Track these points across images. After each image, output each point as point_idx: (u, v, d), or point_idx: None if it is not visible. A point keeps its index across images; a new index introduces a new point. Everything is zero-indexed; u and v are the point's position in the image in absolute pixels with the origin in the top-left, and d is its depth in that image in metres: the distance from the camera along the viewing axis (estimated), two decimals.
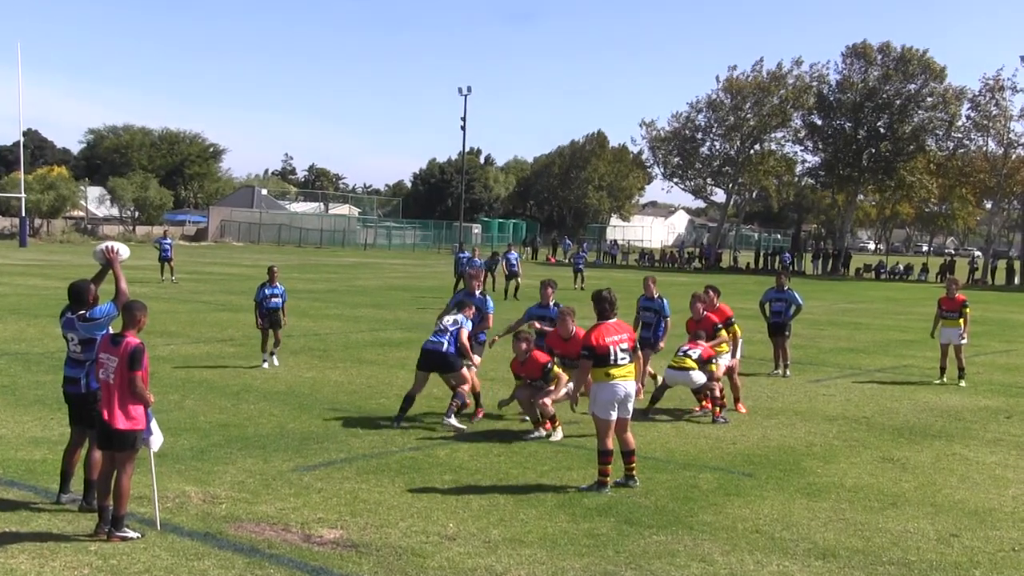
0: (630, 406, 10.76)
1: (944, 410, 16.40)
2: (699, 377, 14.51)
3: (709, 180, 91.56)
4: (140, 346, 8.52)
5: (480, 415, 14.16)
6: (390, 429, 13.16)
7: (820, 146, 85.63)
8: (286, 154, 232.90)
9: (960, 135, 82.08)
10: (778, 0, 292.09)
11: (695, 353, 14.75)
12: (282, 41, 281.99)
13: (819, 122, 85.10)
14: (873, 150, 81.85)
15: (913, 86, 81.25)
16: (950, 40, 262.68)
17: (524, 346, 13.32)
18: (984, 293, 55.76)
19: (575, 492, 10.40)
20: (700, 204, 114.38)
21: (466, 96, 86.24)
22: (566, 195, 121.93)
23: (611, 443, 10.61)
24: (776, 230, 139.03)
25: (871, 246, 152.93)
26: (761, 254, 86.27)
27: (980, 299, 40.46)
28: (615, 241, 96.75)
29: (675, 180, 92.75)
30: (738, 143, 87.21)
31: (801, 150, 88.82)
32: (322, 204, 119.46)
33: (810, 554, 8.73)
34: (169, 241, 40.00)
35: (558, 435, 13.02)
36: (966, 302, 19.90)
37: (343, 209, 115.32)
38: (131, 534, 8.43)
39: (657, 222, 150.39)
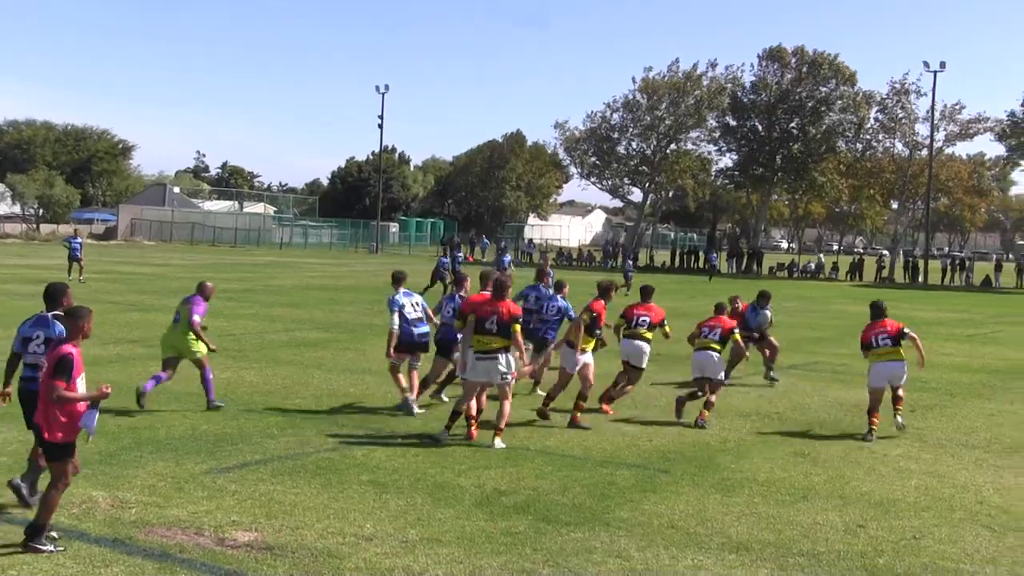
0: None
1: (853, 405, 16.74)
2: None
3: (626, 179, 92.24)
4: (69, 356, 8.15)
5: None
6: (305, 430, 13.06)
7: (735, 146, 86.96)
8: (198, 151, 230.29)
9: (869, 137, 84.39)
10: (695, 5, 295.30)
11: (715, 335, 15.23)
12: (193, 35, 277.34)
13: (733, 123, 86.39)
14: (786, 151, 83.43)
15: (825, 89, 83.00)
16: (860, 45, 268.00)
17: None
18: (891, 291, 57.08)
19: (493, 491, 10.42)
20: (617, 203, 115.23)
21: (384, 94, 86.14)
22: (484, 194, 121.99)
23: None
24: (692, 229, 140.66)
25: (784, 245, 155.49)
26: (677, 253, 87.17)
27: (887, 296, 41.53)
28: (532, 240, 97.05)
29: (592, 179, 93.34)
30: (654, 143, 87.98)
31: (716, 150, 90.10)
32: (237, 202, 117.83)
33: (724, 548, 8.86)
34: (79, 240, 39.23)
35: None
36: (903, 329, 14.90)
37: (258, 208, 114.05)
38: (46, 548, 8.04)
39: (575, 221, 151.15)
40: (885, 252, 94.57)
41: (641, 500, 10.30)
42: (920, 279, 72.36)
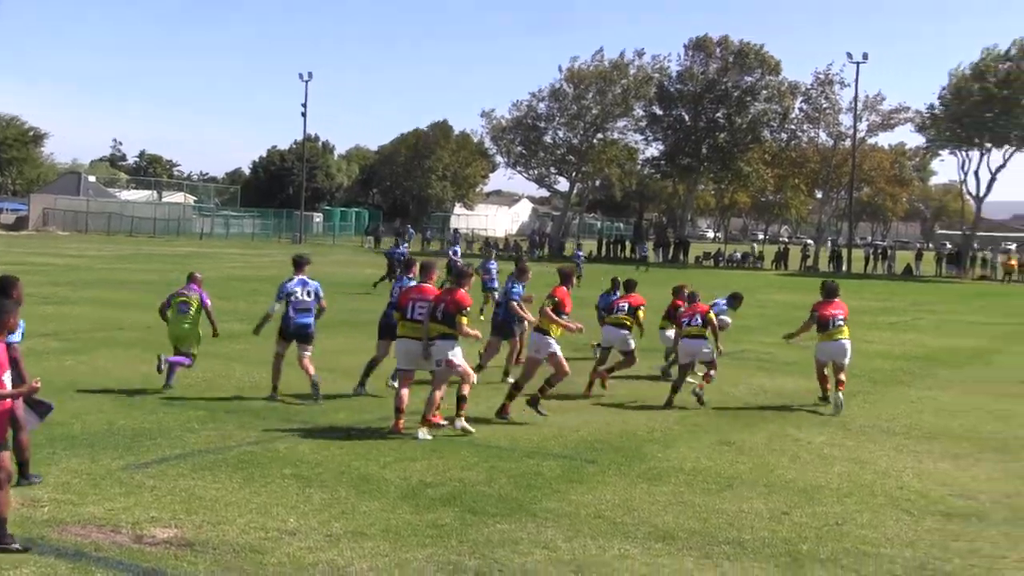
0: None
1: (778, 394, 17.03)
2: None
3: (552, 169, 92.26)
4: None
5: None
6: (227, 424, 12.91)
7: (661, 136, 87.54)
8: (115, 139, 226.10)
9: (793, 127, 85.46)
10: None
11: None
12: (109, 19, 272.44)
13: (660, 112, 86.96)
14: (712, 141, 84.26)
15: (750, 79, 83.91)
16: (785, 36, 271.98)
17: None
18: (816, 280, 57.91)
19: (419, 483, 10.39)
20: (544, 193, 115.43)
21: (307, 82, 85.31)
22: (410, 184, 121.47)
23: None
24: (619, 219, 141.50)
25: (710, 234, 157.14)
26: (603, 243, 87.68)
27: (811, 286, 42.16)
28: (457, 230, 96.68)
29: (518, 169, 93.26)
30: (581, 132, 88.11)
31: (643, 139, 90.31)
32: (155, 192, 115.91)
33: (650, 537, 8.93)
34: None
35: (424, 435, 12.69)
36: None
37: (178, 197, 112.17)
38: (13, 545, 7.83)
39: (501, 211, 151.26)
40: (810, 241, 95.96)
41: (568, 490, 10.35)
42: (844, 268, 73.65)
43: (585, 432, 13.32)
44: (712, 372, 16.19)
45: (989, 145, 75.85)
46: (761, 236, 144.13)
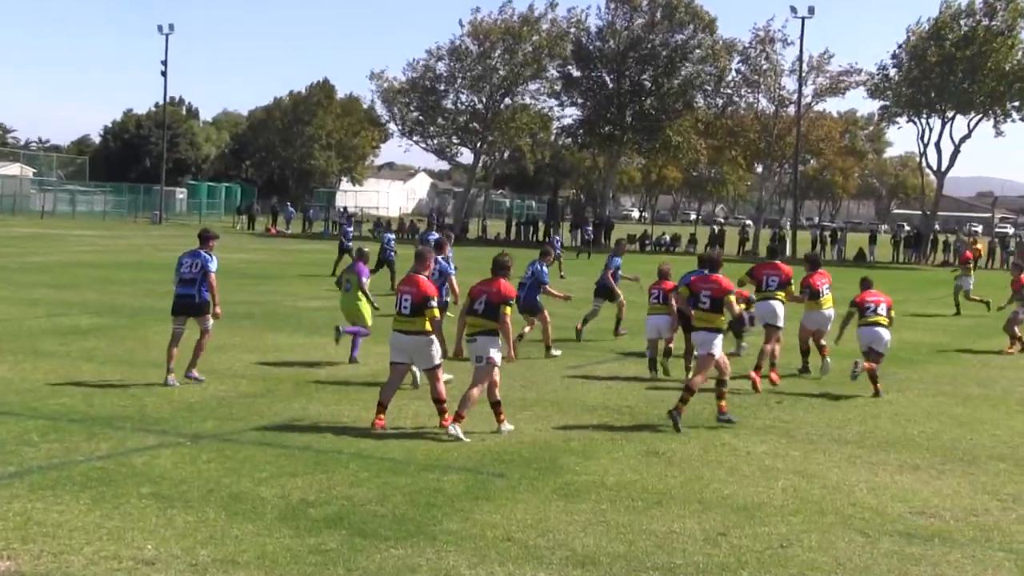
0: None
1: (712, 396, 17.15)
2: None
3: (454, 138, 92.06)
4: None
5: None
6: (73, 434, 12.67)
7: (579, 101, 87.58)
8: None
9: (730, 91, 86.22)
10: None
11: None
12: None
13: (577, 74, 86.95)
14: (637, 106, 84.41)
15: (681, 37, 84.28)
16: None
17: None
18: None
19: (300, 502, 10.31)
20: (444, 166, 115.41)
21: (168, 35, 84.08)
22: (288, 155, 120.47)
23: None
24: (531, 196, 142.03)
25: (635, 214, 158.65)
26: (513, 223, 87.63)
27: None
28: (346, 208, 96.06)
29: (415, 138, 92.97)
30: (487, 96, 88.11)
31: (558, 105, 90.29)
32: None
33: (568, 562, 8.98)
34: None
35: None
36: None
37: (13, 169, 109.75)
38: None
39: (395, 186, 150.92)
40: (749, 222, 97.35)
41: (472, 509, 10.35)
42: (788, 252, 74.78)
43: (492, 442, 13.33)
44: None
45: (952, 112, 76.66)
46: (694, 216, 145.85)
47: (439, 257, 17.90)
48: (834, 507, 11.05)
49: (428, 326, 13.66)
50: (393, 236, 34.83)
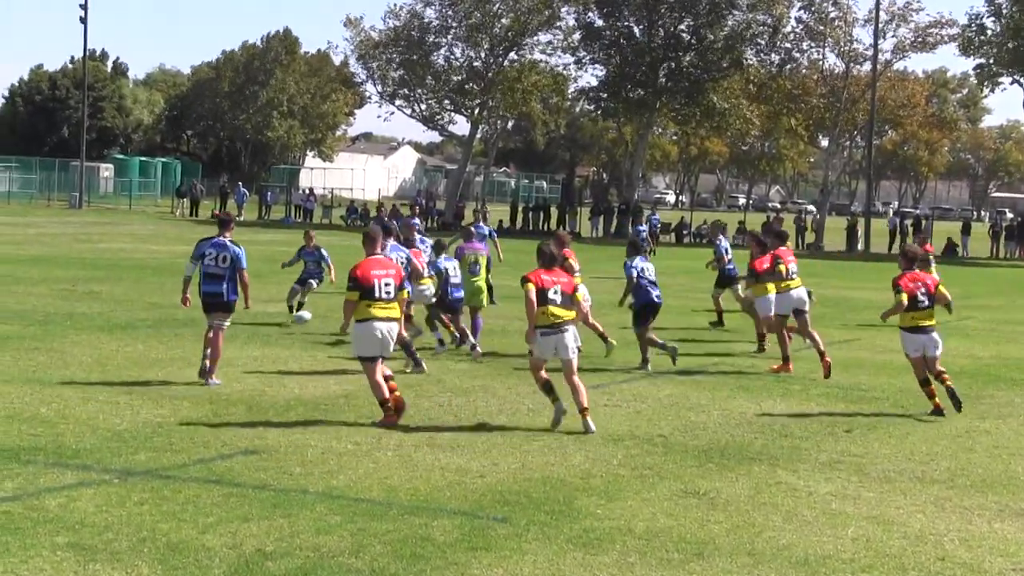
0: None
1: (766, 423, 17.11)
2: None
3: (446, 102, 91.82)
4: None
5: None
6: None
7: (602, 57, 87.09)
8: None
9: (789, 46, 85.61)
10: None
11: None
12: None
13: (600, 23, 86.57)
14: (673, 64, 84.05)
15: None
16: None
17: None
18: (816, 262, 58.61)
19: (255, 553, 10.31)
20: (434, 137, 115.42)
21: None
22: (240, 123, 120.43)
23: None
24: (541, 176, 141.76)
25: (670, 198, 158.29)
26: (520, 209, 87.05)
27: (812, 270, 42.56)
28: (311, 190, 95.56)
29: (397, 103, 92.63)
30: (487, 50, 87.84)
31: (575, 62, 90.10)
32: None
33: None
34: None
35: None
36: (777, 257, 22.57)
37: None
38: None
39: (373, 162, 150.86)
40: (811, 207, 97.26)
41: (469, 562, 10.35)
42: (859, 246, 74.43)
43: (492, 478, 13.32)
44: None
45: None
46: (742, 200, 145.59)
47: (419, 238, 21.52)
48: (917, 562, 10.99)
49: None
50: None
